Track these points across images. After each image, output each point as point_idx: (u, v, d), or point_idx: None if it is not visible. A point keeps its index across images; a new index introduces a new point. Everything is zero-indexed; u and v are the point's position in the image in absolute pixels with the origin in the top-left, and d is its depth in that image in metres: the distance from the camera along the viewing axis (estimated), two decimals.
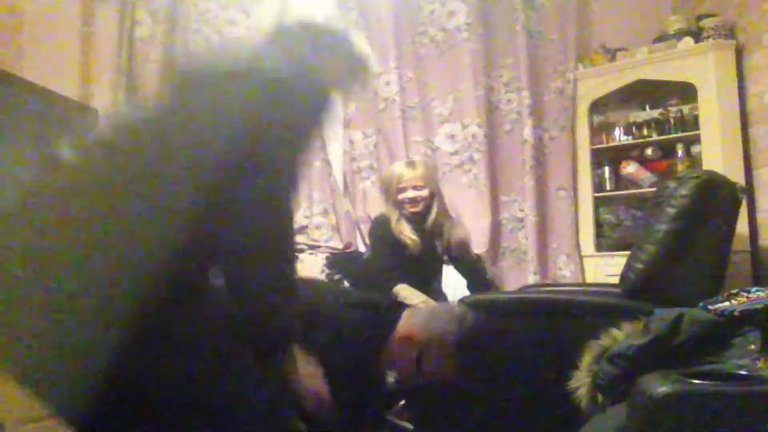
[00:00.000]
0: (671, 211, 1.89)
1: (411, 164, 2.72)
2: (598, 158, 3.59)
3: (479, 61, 3.60)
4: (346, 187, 3.72)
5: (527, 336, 1.99)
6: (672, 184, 2.00)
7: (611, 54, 3.53)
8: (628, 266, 2.00)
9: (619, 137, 3.54)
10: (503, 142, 3.65)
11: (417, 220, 2.66)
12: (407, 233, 2.62)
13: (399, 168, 2.70)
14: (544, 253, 3.53)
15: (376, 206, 3.33)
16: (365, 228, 3.49)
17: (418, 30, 3.72)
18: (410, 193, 2.63)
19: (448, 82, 3.67)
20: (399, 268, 2.59)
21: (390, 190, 2.67)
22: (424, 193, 2.64)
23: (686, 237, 1.89)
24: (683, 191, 1.90)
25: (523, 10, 3.61)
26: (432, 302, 2.45)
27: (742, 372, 1.20)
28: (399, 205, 2.66)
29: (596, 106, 3.62)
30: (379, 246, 2.71)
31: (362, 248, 3.56)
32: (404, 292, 2.49)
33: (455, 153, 3.63)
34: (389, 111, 3.65)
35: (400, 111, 3.64)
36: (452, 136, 3.65)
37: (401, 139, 3.62)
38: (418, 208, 2.64)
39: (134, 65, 3.68)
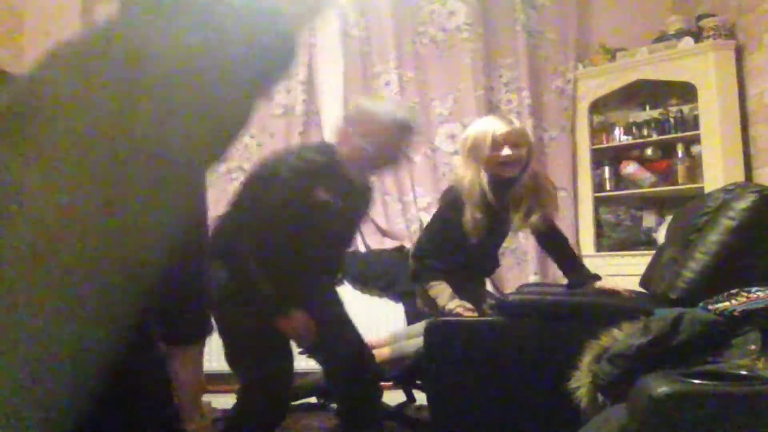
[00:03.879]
0: (730, 223, 1.78)
1: (506, 120, 2.26)
2: (598, 158, 3.59)
3: (479, 61, 3.60)
4: None
5: (530, 336, 1.99)
6: (720, 195, 1.89)
7: (611, 54, 3.53)
8: (673, 274, 1.88)
9: (619, 137, 3.54)
10: None
11: (504, 187, 2.18)
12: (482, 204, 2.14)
13: (493, 123, 2.19)
14: (544, 253, 3.53)
15: (376, 206, 3.32)
16: (365, 228, 3.48)
17: (418, 30, 3.72)
18: (507, 151, 2.12)
19: (448, 82, 3.66)
20: (448, 253, 2.22)
21: (482, 147, 2.13)
22: (523, 152, 2.15)
23: (744, 251, 1.79)
24: (743, 204, 1.79)
25: (523, 10, 3.61)
26: (461, 307, 2.08)
27: (742, 372, 1.20)
28: (491, 166, 2.14)
29: (596, 106, 3.62)
30: (435, 224, 2.32)
31: (362, 248, 3.55)
32: (435, 289, 2.15)
33: (455, 153, 3.63)
34: None
35: None
36: (452, 136, 3.64)
37: None
38: (515, 171, 2.14)
39: None
